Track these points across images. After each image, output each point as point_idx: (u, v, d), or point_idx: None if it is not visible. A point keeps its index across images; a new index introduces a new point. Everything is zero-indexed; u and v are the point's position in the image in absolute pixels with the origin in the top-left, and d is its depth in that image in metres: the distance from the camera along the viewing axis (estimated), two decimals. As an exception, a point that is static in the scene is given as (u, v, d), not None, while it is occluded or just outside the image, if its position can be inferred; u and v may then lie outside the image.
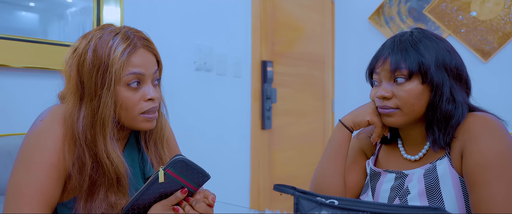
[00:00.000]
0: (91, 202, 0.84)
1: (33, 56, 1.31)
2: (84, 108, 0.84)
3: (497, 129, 0.86)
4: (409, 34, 0.95)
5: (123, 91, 0.85)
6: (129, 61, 0.85)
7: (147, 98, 0.87)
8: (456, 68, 0.92)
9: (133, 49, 0.86)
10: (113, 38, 0.85)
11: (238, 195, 2.11)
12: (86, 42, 0.86)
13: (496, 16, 2.28)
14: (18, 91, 1.30)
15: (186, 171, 0.83)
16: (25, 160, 0.82)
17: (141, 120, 0.88)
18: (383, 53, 0.94)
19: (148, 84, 0.88)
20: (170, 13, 1.76)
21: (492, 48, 2.29)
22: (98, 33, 0.87)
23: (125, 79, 0.85)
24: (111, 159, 0.84)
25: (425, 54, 0.90)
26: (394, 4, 2.58)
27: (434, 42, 0.93)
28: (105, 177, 0.85)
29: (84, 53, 0.85)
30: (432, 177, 0.90)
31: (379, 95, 0.93)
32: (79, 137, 0.83)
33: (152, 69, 0.89)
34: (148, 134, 0.97)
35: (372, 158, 1.06)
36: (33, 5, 1.35)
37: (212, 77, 1.95)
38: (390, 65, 0.91)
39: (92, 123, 0.83)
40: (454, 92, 0.91)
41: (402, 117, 0.93)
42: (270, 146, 2.29)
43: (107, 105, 0.83)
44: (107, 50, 0.84)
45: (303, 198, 0.62)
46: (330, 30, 2.82)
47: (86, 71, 0.84)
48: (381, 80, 0.94)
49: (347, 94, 2.81)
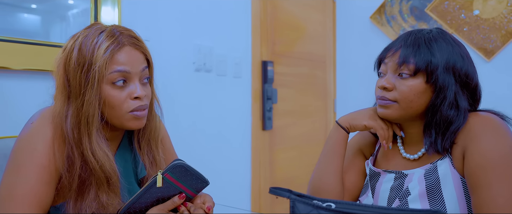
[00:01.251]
0: (81, 202, 0.84)
1: (35, 58, 1.30)
2: (71, 107, 0.84)
3: (500, 129, 0.84)
4: (427, 32, 0.93)
5: (108, 89, 0.84)
6: (113, 59, 0.84)
7: (134, 96, 0.86)
8: (465, 75, 0.90)
9: (117, 47, 0.84)
10: (98, 36, 0.84)
11: (239, 197, 2.10)
12: (73, 41, 0.86)
13: (499, 14, 2.25)
14: (19, 93, 1.29)
15: (185, 176, 0.82)
16: (16, 163, 0.82)
17: (130, 118, 0.87)
18: (395, 45, 0.93)
19: (135, 82, 0.87)
20: (169, 13, 1.74)
21: (495, 47, 2.27)
22: (85, 32, 0.86)
23: (109, 77, 0.84)
24: (97, 158, 0.83)
25: (436, 54, 0.89)
26: (395, 3, 2.56)
27: (450, 45, 0.91)
28: (94, 176, 0.84)
29: (70, 52, 0.85)
30: (433, 177, 0.89)
31: (380, 85, 0.93)
32: (68, 135, 0.83)
33: (139, 67, 0.87)
34: (141, 135, 0.96)
35: (371, 158, 1.04)
36: (35, 7, 1.35)
37: (212, 78, 1.94)
38: (399, 58, 0.90)
39: (77, 122, 0.83)
40: (459, 98, 0.89)
41: (398, 111, 0.91)
42: (271, 146, 2.28)
43: (91, 103, 0.82)
44: (91, 48, 0.83)
45: (299, 201, 0.61)
46: (331, 29, 2.80)
47: (72, 70, 0.84)
48: (387, 71, 0.93)
49: (349, 94, 2.79)
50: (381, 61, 0.96)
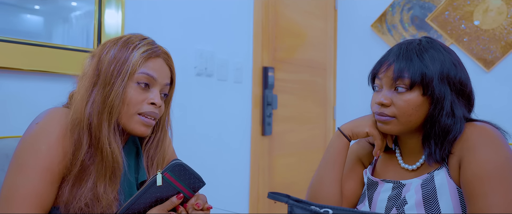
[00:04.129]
0: (77, 188, 0.84)
1: (37, 60, 1.31)
2: (96, 93, 0.87)
3: (496, 139, 0.85)
4: (417, 43, 0.93)
5: (131, 87, 0.89)
6: (146, 62, 0.91)
7: (150, 102, 0.91)
8: (460, 83, 0.91)
9: (153, 54, 0.92)
10: (140, 41, 0.92)
11: (237, 202, 2.10)
12: (113, 43, 0.92)
13: (499, 25, 2.27)
14: (21, 94, 1.30)
15: (183, 175, 0.84)
16: (20, 164, 0.83)
17: (137, 120, 0.90)
18: (388, 59, 0.93)
19: (156, 90, 0.92)
20: (172, 18, 1.76)
21: (494, 58, 2.28)
22: (128, 35, 0.94)
23: (137, 76, 0.89)
24: (112, 147, 0.86)
25: (429, 65, 0.89)
26: (396, 12, 2.58)
27: (441, 53, 0.91)
28: (100, 164, 0.86)
29: (110, 48, 0.91)
30: (429, 187, 0.89)
31: (377, 101, 0.93)
32: (83, 120, 0.85)
33: (164, 80, 0.94)
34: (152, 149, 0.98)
35: (369, 167, 1.05)
36: (38, 8, 1.35)
37: (213, 83, 1.95)
38: (393, 73, 0.90)
39: (102, 109, 0.86)
40: (455, 107, 0.89)
41: (398, 126, 0.92)
42: (270, 152, 2.29)
43: (118, 94, 0.87)
44: (132, 47, 0.90)
45: (297, 206, 0.61)
46: (332, 37, 2.82)
47: (107, 60, 0.89)
48: (382, 86, 0.94)
49: (348, 102, 2.80)
50: (375, 76, 0.96)
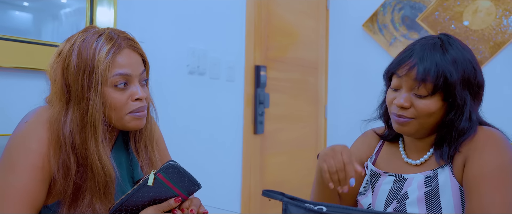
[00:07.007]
0: (75, 208, 0.84)
1: (26, 57, 1.29)
2: (72, 111, 0.83)
3: (502, 143, 0.87)
4: (439, 44, 0.91)
5: (110, 92, 0.85)
6: (114, 62, 0.85)
7: (135, 98, 0.87)
8: (477, 86, 0.92)
9: (117, 50, 0.86)
10: (96, 40, 0.85)
11: (229, 200, 2.10)
12: (70, 45, 0.86)
13: (487, 26, 2.30)
14: (9, 91, 1.29)
15: (177, 177, 0.83)
16: (9, 162, 0.82)
17: (130, 119, 0.88)
18: (411, 60, 0.90)
19: (135, 84, 0.88)
20: (164, 16, 1.75)
21: (483, 58, 2.31)
22: (82, 36, 0.86)
23: (112, 80, 0.85)
24: (103, 162, 0.84)
25: (452, 71, 0.88)
26: (387, 12, 2.60)
27: (462, 54, 0.90)
28: (92, 181, 0.84)
29: (68, 57, 0.85)
30: (432, 184, 0.90)
31: (398, 104, 0.91)
32: (66, 141, 0.82)
33: (138, 69, 0.89)
34: (138, 137, 0.96)
35: (370, 159, 1.05)
36: (27, 4, 1.34)
37: (205, 81, 1.95)
38: (417, 75, 0.88)
39: (82, 126, 0.83)
40: (472, 111, 0.90)
41: (416, 127, 0.92)
42: (262, 150, 2.29)
43: (96, 107, 0.83)
44: (92, 52, 0.83)
45: (291, 204, 0.62)
46: (324, 36, 2.83)
47: (72, 74, 0.84)
48: (402, 86, 0.92)
49: (340, 100, 2.82)
50: (393, 74, 0.94)
